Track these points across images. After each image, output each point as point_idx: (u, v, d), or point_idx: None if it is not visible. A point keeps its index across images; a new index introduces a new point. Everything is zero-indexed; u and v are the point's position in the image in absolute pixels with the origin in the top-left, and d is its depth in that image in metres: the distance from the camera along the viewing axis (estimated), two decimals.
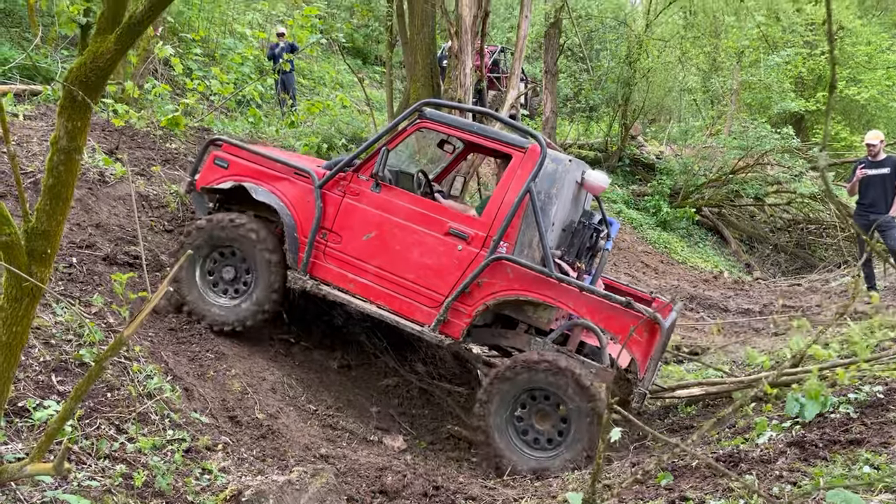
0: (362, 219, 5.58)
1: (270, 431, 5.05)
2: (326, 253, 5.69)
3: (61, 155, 2.72)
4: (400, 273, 5.49)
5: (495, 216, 5.31)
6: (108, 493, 3.71)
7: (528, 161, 5.28)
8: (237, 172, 5.89)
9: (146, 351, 5.10)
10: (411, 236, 5.46)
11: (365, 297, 5.58)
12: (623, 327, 5.05)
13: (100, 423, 4.19)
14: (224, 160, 5.94)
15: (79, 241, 5.79)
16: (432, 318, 5.41)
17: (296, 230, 5.70)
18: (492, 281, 5.27)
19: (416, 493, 4.65)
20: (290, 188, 5.77)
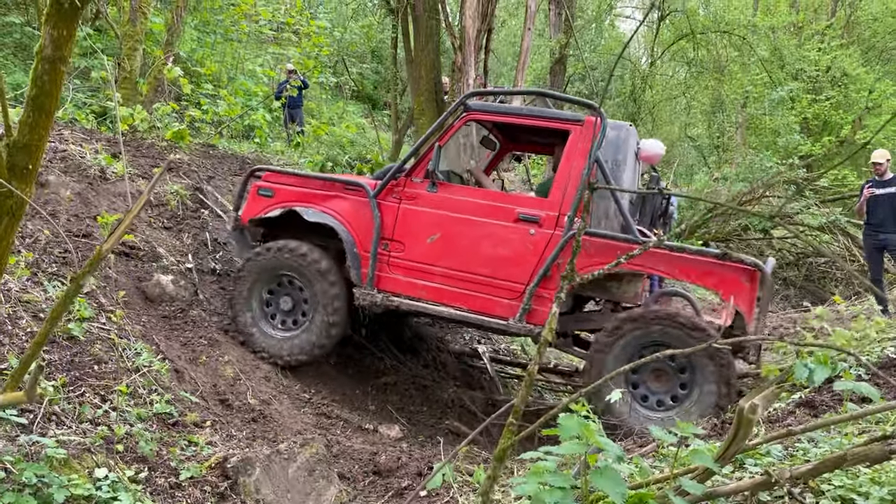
0: (424, 222, 5.36)
1: (262, 416, 4.90)
2: (391, 263, 5.44)
3: (46, 65, 2.67)
4: (472, 270, 5.24)
5: (564, 193, 5.08)
6: (87, 452, 3.57)
7: (587, 132, 5.07)
8: (284, 199, 5.67)
9: (138, 333, 5.00)
10: (479, 230, 5.21)
11: (439, 302, 5.33)
12: (722, 281, 4.76)
13: (84, 391, 4.07)
14: (268, 189, 5.76)
15: (76, 231, 5.74)
16: (515, 309, 5.14)
17: (355, 246, 5.47)
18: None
19: (410, 472, 4.47)
20: (342, 205, 5.56)
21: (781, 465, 2.56)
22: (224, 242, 6.86)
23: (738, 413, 2.17)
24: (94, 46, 10.84)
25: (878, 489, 2.15)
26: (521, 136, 6.44)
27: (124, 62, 10.07)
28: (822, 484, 2.33)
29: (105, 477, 3.47)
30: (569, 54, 17.65)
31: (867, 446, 2.12)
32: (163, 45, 11.25)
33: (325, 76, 17.17)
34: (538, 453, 2.35)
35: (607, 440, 2.23)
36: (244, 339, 5.63)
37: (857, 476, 2.31)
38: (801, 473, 2.22)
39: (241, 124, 12.08)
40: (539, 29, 21.79)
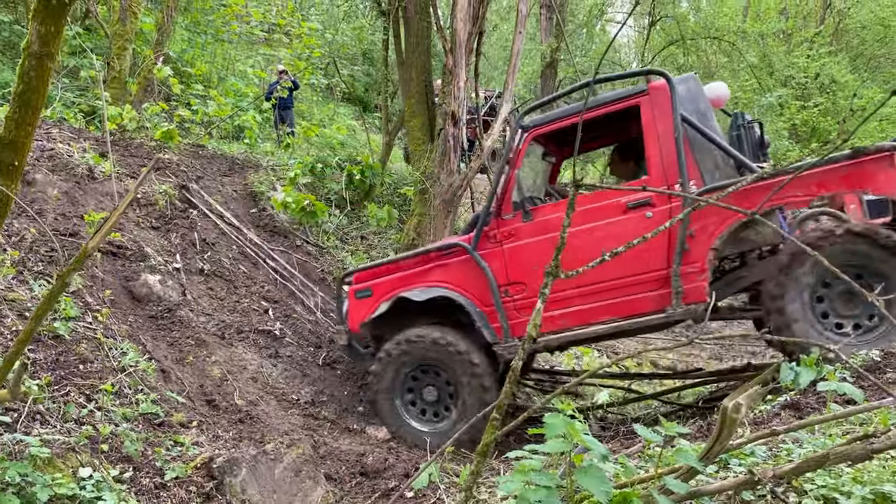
0: (533, 253, 5.11)
1: (249, 416, 4.89)
2: (518, 307, 5.18)
3: (33, 60, 2.66)
4: (606, 277, 4.94)
5: (663, 163, 4.85)
6: (71, 451, 3.54)
7: (657, 98, 4.88)
8: (385, 291, 5.48)
9: (124, 332, 4.97)
10: (593, 235, 4.93)
11: (586, 323, 5.04)
12: (865, 177, 4.50)
13: (69, 391, 4.04)
14: (365, 289, 5.57)
15: (62, 230, 5.71)
16: (668, 297, 4.87)
17: (476, 305, 5.23)
18: (704, 223, 4.75)
19: (397, 473, 4.47)
20: (444, 272, 5.36)
21: (765, 465, 2.57)
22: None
23: (722, 412, 2.18)
24: (84, 45, 10.79)
25: (860, 488, 2.16)
26: (572, 139, 6.19)
27: (114, 61, 10.02)
28: (804, 483, 2.35)
29: (89, 476, 3.45)
30: (560, 58, 17.71)
31: (849, 446, 2.13)
32: (153, 45, 11.22)
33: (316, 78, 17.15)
34: (523, 452, 2.36)
35: (593, 439, 2.24)
36: (389, 429, 5.39)
37: (840, 475, 2.33)
38: (785, 472, 2.23)
39: (230, 125, 12.04)
40: (530, 33, 21.86)
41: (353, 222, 9.25)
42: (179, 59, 13.99)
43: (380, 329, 5.54)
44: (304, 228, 8.38)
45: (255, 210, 8.20)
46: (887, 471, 2.29)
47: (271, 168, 9.31)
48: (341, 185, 9.37)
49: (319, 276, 7.75)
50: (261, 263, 7.17)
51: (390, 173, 10.61)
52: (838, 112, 21.86)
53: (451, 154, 8.56)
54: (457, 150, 8.63)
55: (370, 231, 9.22)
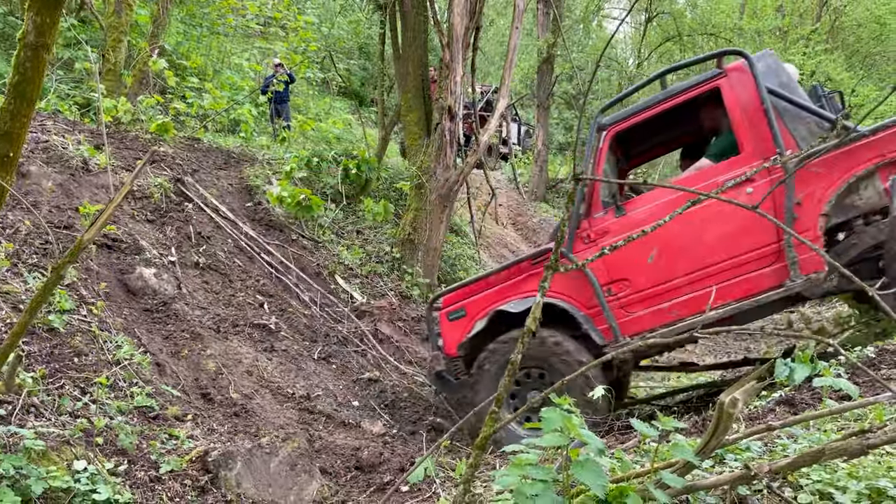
0: (632, 248, 4.87)
1: (244, 410, 4.88)
2: (625, 305, 5.03)
3: (28, 51, 2.65)
4: (714, 260, 4.81)
5: (755, 140, 4.74)
6: (66, 444, 3.53)
7: (737, 77, 4.80)
8: (479, 309, 5.34)
9: (119, 326, 4.96)
10: (693, 220, 4.79)
11: (701, 311, 4.86)
12: None
13: (64, 383, 4.03)
14: (457, 309, 5.42)
15: (57, 222, 5.68)
16: (786, 270, 4.71)
17: (579, 309, 5.08)
18: (810, 190, 4.65)
19: (392, 467, 4.47)
20: (539, 280, 4.99)
21: (761, 460, 2.58)
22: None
23: (718, 407, 2.19)
24: (79, 37, 10.73)
25: (856, 483, 2.17)
26: (639, 144, 6.13)
27: (109, 54, 9.97)
28: (800, 478, 2.35)
29: (84, 469, 3.44)
30: (556, 54, 17.69)
31: (845, 441, 2.14)
32: (148, 38, 11.15)
33: (312, 71, 17.11)
34: (520, 446, 2.36)
35: (589, 433, 2.24)
36: (495, 440, 5.04)
37: (835, 470, 2.34)
38: (780, 467, 2.24)
39: (226, 118, 12.00)
40: (527, 28, 21.83)
41: (348, 217, 9.23)
42: (175, 52, 13.93)
43: (477, 349, 5.35)
44: (299, 222, 8.36)
45: (251, 204, 8.18)
46: (882, 466, 2.30)
47: (267, 162, 9.29)
48: (337, 179, 9.35)
49: (315, 271, 7.73)
50: (256, 257, 7.15)
51: (386, 168, 10.59)
52: None
53: (448, 149, 8.56)
54: (453, 145, 8.63)
55: (366, 226, 9.21)
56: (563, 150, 21.18)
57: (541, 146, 18.16)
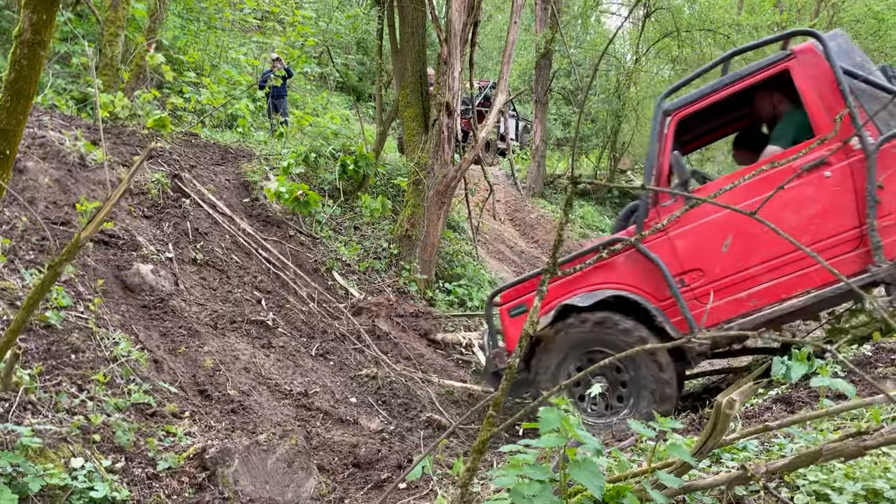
0: (706, 235, 4.82)
1: (241, 407, 4.88)
2: (699, 296, 4.86)
3: (25, 49, 2.63)
4: (791, 248, 4.63)
5: (829, 121, 4.60)
6: (63, 442, 3.53)
7: (808, 58, 4.69)
8: (544, 304, 4.95)
9: (116, 322, 4.95)
10: (769, 206, 4.56)
11: (778, 300, 4.72)
12: None
13: (61, 380, 4.03)
14: (518, 305, 5.26)
15: (54, 218, 5.67)
16: (867, 256, 4.55)
17: (650, 301, 4.91)
18: (892, 172, 4.51)
19: (390, 464, 4.47)
20: (606, 272, 5.03)
21: (758, 459, 2.58)
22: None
23: (715, 408, 2.19)
24: (75, 31, 10.70)
25: (852, 484, 2.18)
26: (694, 130, 5.93)
27: (105, 48, 9.93)
28: (797, 479, 2.36)
29: (81, 467, 3.44)
30: (554, 49, 17.67)
31: (842, 442, 2.14)
32: (145, 32, 11.12)
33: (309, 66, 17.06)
34: (517, 446, 2.36)
35: (586, 433, 2.24)
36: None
37: (832, 471, 2.34)
38: (777, 468, 2.24)
39: (223, 113, 11.97)
40: (525, 24, 21.79)
41: (346, 213, 9.23)
42: (172, 47, 13.88)
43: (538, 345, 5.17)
44: (297, 218, 8.35)
45: (248, 200, 8.17)
46: (879, 467, 2.30)
47: (264, 157, 9.27)
48: (335, 175, 9.34)
49: (313, 267, 7.73)
50: (254, 253, 7.14)
51: (384, 164, 10.58)
52: None
53: (446, 145, 8.55)
54: (451, 141, 8.62)
55: (363, 222, 9.20)
56: (560, 146, 21.19)
57: (539, 142, 18.15)
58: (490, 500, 2.41)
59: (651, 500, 2.10)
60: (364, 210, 9.15)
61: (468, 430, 5.50)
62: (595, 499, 2.20)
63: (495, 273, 11.77)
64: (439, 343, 7.36)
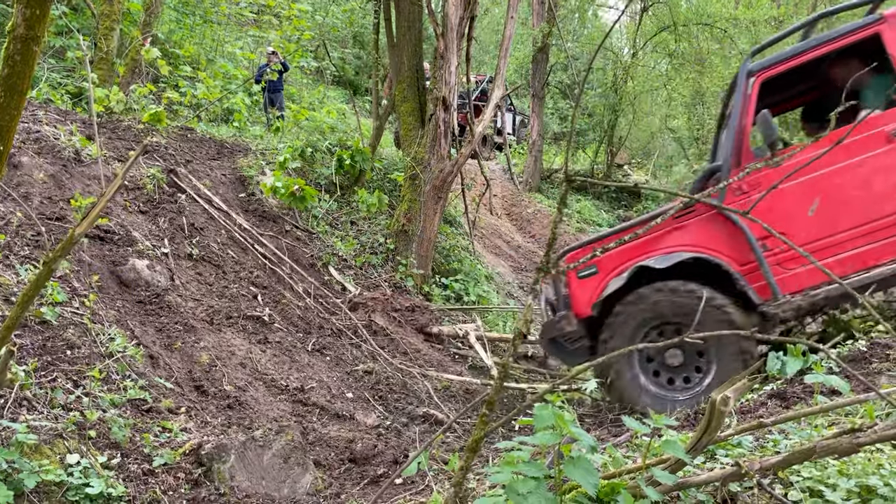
0: (791, 199, 4.64)
1: (238, 402, 4.88)
2: (782, 261, 4.69)
3: (18, 44, 2.61)
4: (883, 212, 4.47)
5: None
6: (58, 438, 3.53)
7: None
8: (614, 266, 5.00)
9: (111, 318, 4.94)
10: (859, 171, 4.50)
11: (865, 267, 4.53)
12: None
13: (56, 376, 4.02)
14: (587, 267, 5.05)
15: (49, 214, 5.65)
16: None
17: (731, 266, 4.71)
18: None
19: (386, 460, 4.48)
20: (685, 234, 4.86)
21: (752, 456, 2.59)
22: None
23: (710, 405, 2.19)
24: (70, 25, 10.64)
25: (846, 481, 2.19)
26: (771, 96, 5.61)
27: (100, 42, 9.89)
28: (791, 475, 2.36)
29: (77, 463, 3.44)
30: (551, 44, 17.64)
31: (836, 439, 2.15)
32: (140, 26, 11.08)
33: (306, 60, 17.01)
34: (513, 443, 2.36)
35: (581, 430, 2.25)
36: (617, 391, 4.87)
37: (826, 468, 2.35)
38: (771, 465, 2.25)
39: (219, 108, 11.94)
40: (522, 17, 21.74)
41: (342, 207, 9.21)
42: (167, 41, 13.83)
43: (608, 309, 4.98)
44: (293, 213, 8.34)
45: (244, 194, 8.15)
46: (872, 464, 2.31)
47: (260, 152, 9.25)
48: (331, 169, 9.32)
49: (309, 262, 7.73)
50: (250, 249, 7.13)
51: (380, 158, 10.56)
52: None
53: (442, 139, 8.54)
54: (448, 136, 8.61)
55: (360, 217, 9.19)
56: (557, 141, 21.18)
57: (535, 136, 18.13)
58: (485, 496, 2.41)
59: (645, 497, 2.11)
60: (360, 205, 9.13)
61: (465, 425, 5.51)
62: (589, 496, 2.20)
63: (492, 268, 11.78)
64: (436, 337, 7.35)
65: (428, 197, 8.60)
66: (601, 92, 18.76)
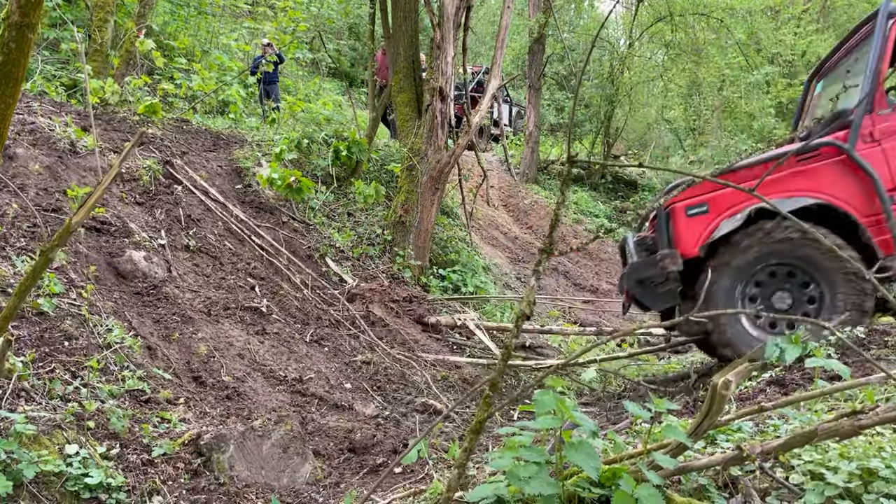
0: None
1: (236, 393, 4.86)
2: None
3: (13, 31, 2.59)
4: None
5: None
6: (57, 428, 3.52)
7: None
8: (727, 205, 4.81)
9: (109, 309, 4.93)
10: None
11: None
12: None
13: (54, 367, 4.01)
14: (699, 204, 4.90)
15: (45, 205, 5.63)
16: None
17: (854, 215, 4.49)
18: None
19: (385, 449, 4.48)
20: (809, 178, 4.63)
21: (752, 440, 2.59)
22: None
23: (711, 389, 2.19)
24: (64, 17, 10.57)
25: (847, 464, 2.19)
26: None
27: (95, 34, 9.83)
28: (792, 459, 2.37)
29: (76, 453, 3.43)
30: (548, 34, 17.59)
31: (837, 422, 2.15)
32: (135, 17, 11.00)
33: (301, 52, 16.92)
34: (514, 428, 2.36)
35: (582, 415, 2.24)
36: (714, 333, 4.75)
37: (827, 451, 2.35)
38: (772, 448, 2.25)
39: (215, 99, 11.89)
40: (518, 8, 21.67)
41: (339, 199, 9.19)
42: (162, 32, 13.76)
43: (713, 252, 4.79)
44: (290, 205, 8.32)
45: (241, 186, 8.13)
46: (873, 446, 2.31)
47: (256, 143, 9.22)
48: (327, 161, 9.29)
49: (306, 253, 7.71)
50: (247, 240, 7.11)
51: (377, 149, 10.53)
52: None
53: (439, 130, 8.52)
54: (444, 127, 8.59)
55: (357, 208, 9.17)
56: (554, 132, 21.15)
57: (532, 127, 18.10)
58: (486, 482, 2.41)
59: (647, 481, 2.11)
60: (357, 196, 9.11)
61: (463, 414, 5.51)
62: (591, 480, 2.20)
63: (489, 259, 11.77)
64: (434, 327, 7.35)
65: (425, 188, 8.58)
66: (598, 83, 18.72)
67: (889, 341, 4.13)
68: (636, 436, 3.26)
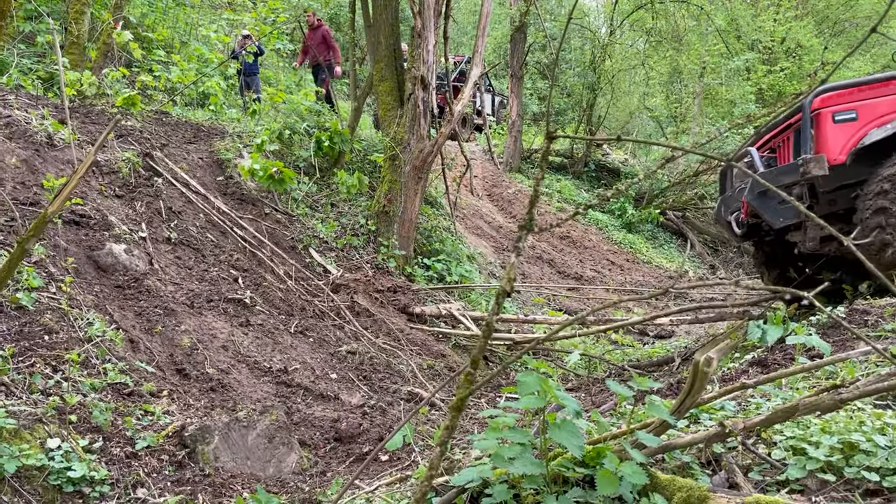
0: None
1: (220, 385, 4.84)
2: None
3: None
4: None
5: None
6: (38, 422, 3.48)
7: None
8: (879, 114, 4.56)
9: (90, 303, 4.88)
10: None
11: None
12: None
13: (35, 361, 3.96)
14: (847, 111, 4.64)
15: (22, 199, 5.55)
16: None
17: None
18: None
19: (371, 438, 4.47)
20: None
21: (735, 418, 2.61)
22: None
23: (693, 367, 2.20)
24: (40, 9, 10.42)
25: (829, 438, 2.20)
26: None
27: (71, 26, 9.70)
28: (774, 435, 2.38)
29: (58, 447, 3.40)
30: (529, 22, 17.56)
31: (818, 397, 2.17)
32: (111, 9, 10.86)
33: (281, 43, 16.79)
34: (497, 410, 2.36)
35: (566, 395, 2.24)
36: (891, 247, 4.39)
37: (808, 427, 2.37)
38: (754, 424, 2.26)
39: (194, 91, 11.77)
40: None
41: (322, 190, 9.14)
42: (140, 24, 13.59)
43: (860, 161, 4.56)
44: (272, 196, 8.26)
45: (222, 178, 8.06)
46: (854, 421, 2.33)
47: (237, 135, 9.14)
48: (310, 152, 9.23)
49: (289, 245, 7.66)
50: (229, 232, 7.06)
51: (360, 140, 10.48)
52: (804, 76, 22.05)
53: (421, 119, 8.48)
54: (427, 116, 8.55)
55: (340, 198, 9.12)
56: (537, 121, 21.15)
57: (515, 116, 18.09)
58: (471, 465, 2.41)
59: (631, 460, 2.11)
60: (340, 187, 9.06)
61: (449, 401, 5.51)
62: (575, 460, 2.20)
63: (473, 248, 11.77)
64: (419, 317, 7.34)
65: (408, 177, 8.55)
66: (580, 71, 18.74)
67: (869, 320, 4.17)
68: (620, 417, 3.28)
